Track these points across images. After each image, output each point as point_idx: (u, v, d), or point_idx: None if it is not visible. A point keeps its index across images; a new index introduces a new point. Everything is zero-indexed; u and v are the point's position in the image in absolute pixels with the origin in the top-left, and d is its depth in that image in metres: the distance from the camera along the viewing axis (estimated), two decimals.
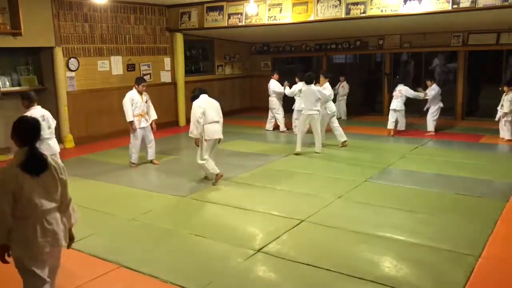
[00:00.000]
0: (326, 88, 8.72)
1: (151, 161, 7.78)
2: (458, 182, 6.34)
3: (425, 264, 3.91)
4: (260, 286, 3.67)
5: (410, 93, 9.86)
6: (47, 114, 5.96)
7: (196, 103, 6.42)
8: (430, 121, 9.92)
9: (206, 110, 6.35)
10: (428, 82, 9.99)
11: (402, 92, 9.88)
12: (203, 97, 6.47)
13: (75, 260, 4.23)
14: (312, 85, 8.20)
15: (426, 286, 3.57)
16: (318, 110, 8.19)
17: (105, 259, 4.18)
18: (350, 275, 3.75)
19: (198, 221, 5.13)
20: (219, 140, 6.68)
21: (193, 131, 6.35)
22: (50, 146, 5.92)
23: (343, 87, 12.19)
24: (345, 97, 12.26)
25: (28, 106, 5.81)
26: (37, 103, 5.99)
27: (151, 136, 7.67)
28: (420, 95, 9.92)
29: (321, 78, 8.84)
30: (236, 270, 3.92)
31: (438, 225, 4.79)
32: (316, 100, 8.14)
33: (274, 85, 10.60)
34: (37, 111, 5.75)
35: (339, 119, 12.07)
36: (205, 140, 6.41)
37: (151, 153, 7.74)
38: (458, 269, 3.82)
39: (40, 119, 5.38)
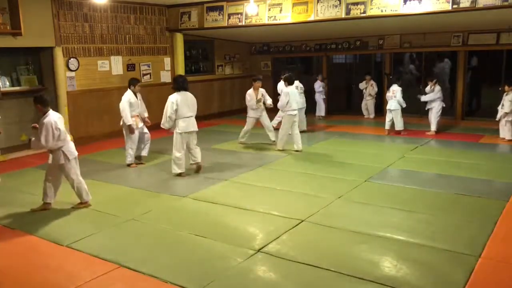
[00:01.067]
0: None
1: (140, 158, 7.74)
2: (458, 182, 6.34)
3: (425, 264, 3.91)
4: (260, 286, 3.67)
5: (399, 97, 9.89)
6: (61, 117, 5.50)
7: (170, 98, 6.73)
8: (434, 120, 9.92)
9: (180, 106, 6.68)
10: (430, 83, 9.99)
11: (395, 92, 9.90)
12: (181, 93, 6.77)
13: (75, 260, 4.24)
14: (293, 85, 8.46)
15: (426, 286, 3.57)
16: None
17: (105, 259, 4.18)
18: (350, 275, 3.75)
19: (198, 221, 5.12)
20: (194, 134, 6.96)
21: (165, 124, 6.79)
22: (73, 148, 5.50)
23: (372, 86, 12.18)
24: (375, 96, 12.24)
25: (44, 111, 5.26)
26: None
27: (147, 134, 7.73)
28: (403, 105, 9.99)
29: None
30: (236, 270, 3.92)
31: (438, 225, 4.79)
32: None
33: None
34: (56, 115, 5.33)
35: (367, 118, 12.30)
36: (178, 133, 6.76)
37: (146, 150, 7.79)
38: (458, 269, 3.82)
39: (60, 122, 5.30)
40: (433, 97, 9.86)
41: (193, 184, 6.56)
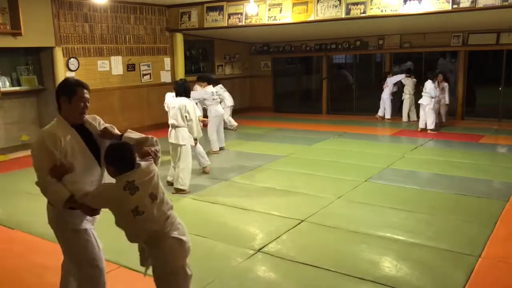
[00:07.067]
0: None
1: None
2: (458, 182, 6.34)
3: (425, 264, 3.91)
4: (260, 286, 3.67)
5: (431, 92, 10.20)
6: None
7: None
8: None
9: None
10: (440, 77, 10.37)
11: (426, 88, 10.20)
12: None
13: None
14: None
15: (426, 286, 3.57)
16: None
17: (105, 259, 4.16)
18: (350, 275, 3.75)
19: (198, 221, 5.12)
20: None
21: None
22: None
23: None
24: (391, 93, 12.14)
25: None
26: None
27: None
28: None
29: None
30: (236, 270, 3.92)
31: (438, 225, 4.79)
32: None
33: None
34: None
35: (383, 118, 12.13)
36: None
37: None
38: (458, 269, 3.81)
39: None
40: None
41: (193, 184, 6.55)
